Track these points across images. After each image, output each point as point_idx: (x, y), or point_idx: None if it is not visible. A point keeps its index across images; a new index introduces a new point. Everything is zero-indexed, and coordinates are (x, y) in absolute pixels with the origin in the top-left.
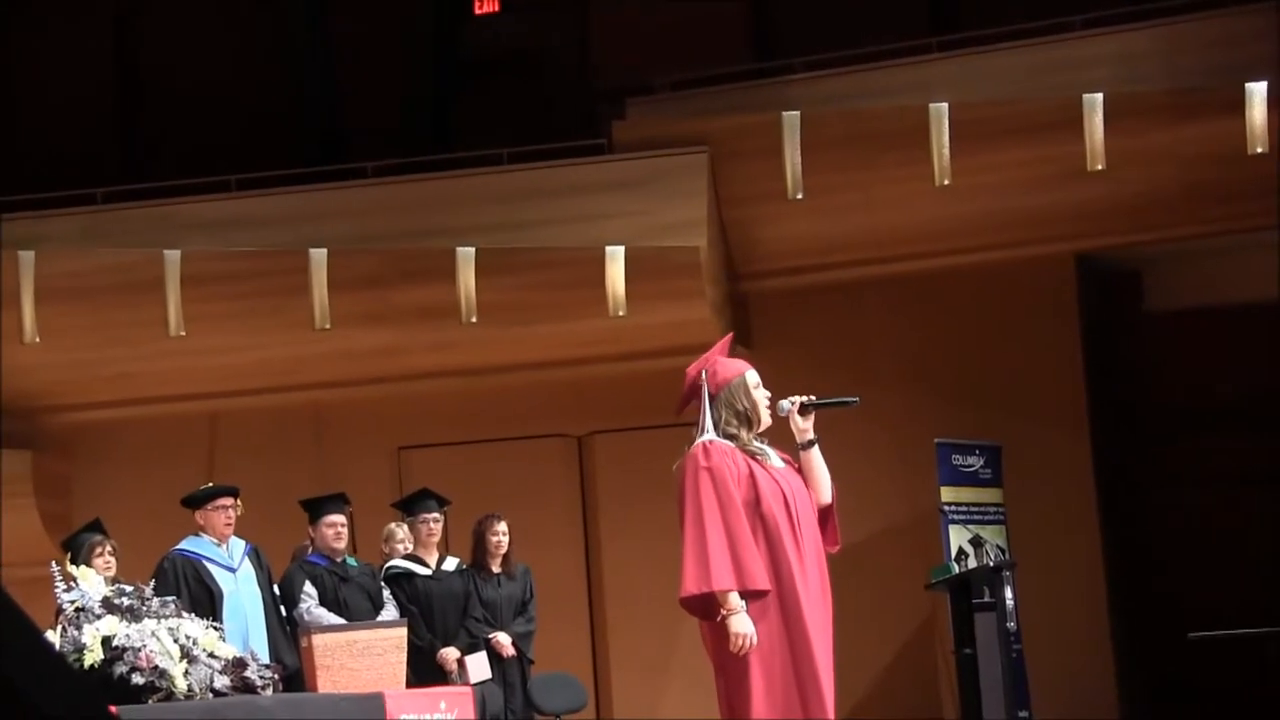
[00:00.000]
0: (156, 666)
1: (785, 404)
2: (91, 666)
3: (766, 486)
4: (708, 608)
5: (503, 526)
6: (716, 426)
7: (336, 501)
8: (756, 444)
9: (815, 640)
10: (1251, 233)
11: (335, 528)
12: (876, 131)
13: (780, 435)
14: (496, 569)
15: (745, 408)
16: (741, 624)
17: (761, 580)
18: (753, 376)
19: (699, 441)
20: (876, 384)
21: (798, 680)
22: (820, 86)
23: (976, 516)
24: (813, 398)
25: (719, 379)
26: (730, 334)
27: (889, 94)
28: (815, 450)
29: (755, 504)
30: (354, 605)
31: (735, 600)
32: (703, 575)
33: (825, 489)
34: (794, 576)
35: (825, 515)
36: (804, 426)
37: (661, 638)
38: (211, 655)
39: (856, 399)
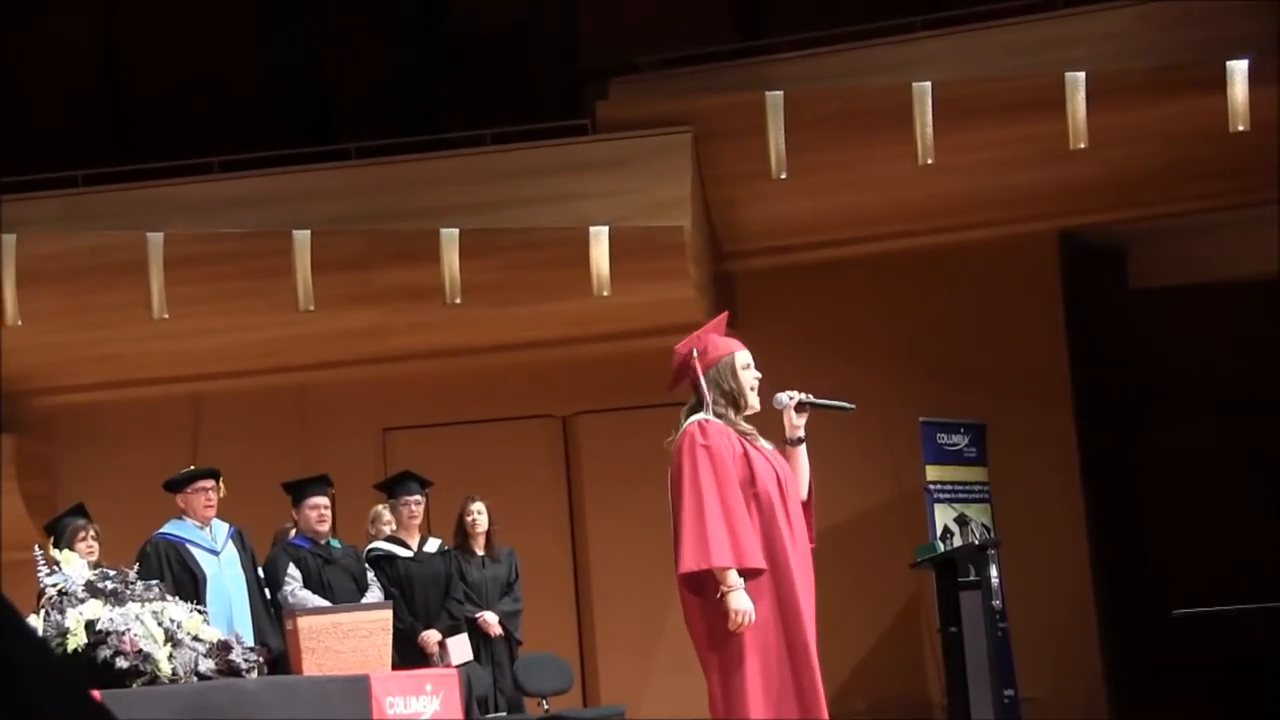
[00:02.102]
0: (140, 650)
1: (783, 397)
2: (75, 650)
3: (760, 466)
4: (703, 585)
5: (478, 506)
6: (706, 405)
7: (319, 484)
8: (745, 424)
9: (807, 621)
10: (1235, 210)
11: (319, 510)
12: (861, 110)
13: (763, 423)
14: (480, 550)
15: (731, 388)
16: (740, 600)
17: (759, 559)
18: (743, 357)
19: (695, 420)
20: (861, 363)
21: (791, 660)
22: (804, 66)
23: (962, 495)
24: (811, 396)
25: (708, 358)
26: (725, 313)
27: (873, 73)
28: (802, 448)
29: (750, 483)
30: (338, 587)
31: (734, 577)
32: (701, 552)
33: (805, 486)
34: (788, 556)
35: (803, 512)
36: (797, 423)
37: (647, 618)
38: (196, 638)
39: (853, 406)
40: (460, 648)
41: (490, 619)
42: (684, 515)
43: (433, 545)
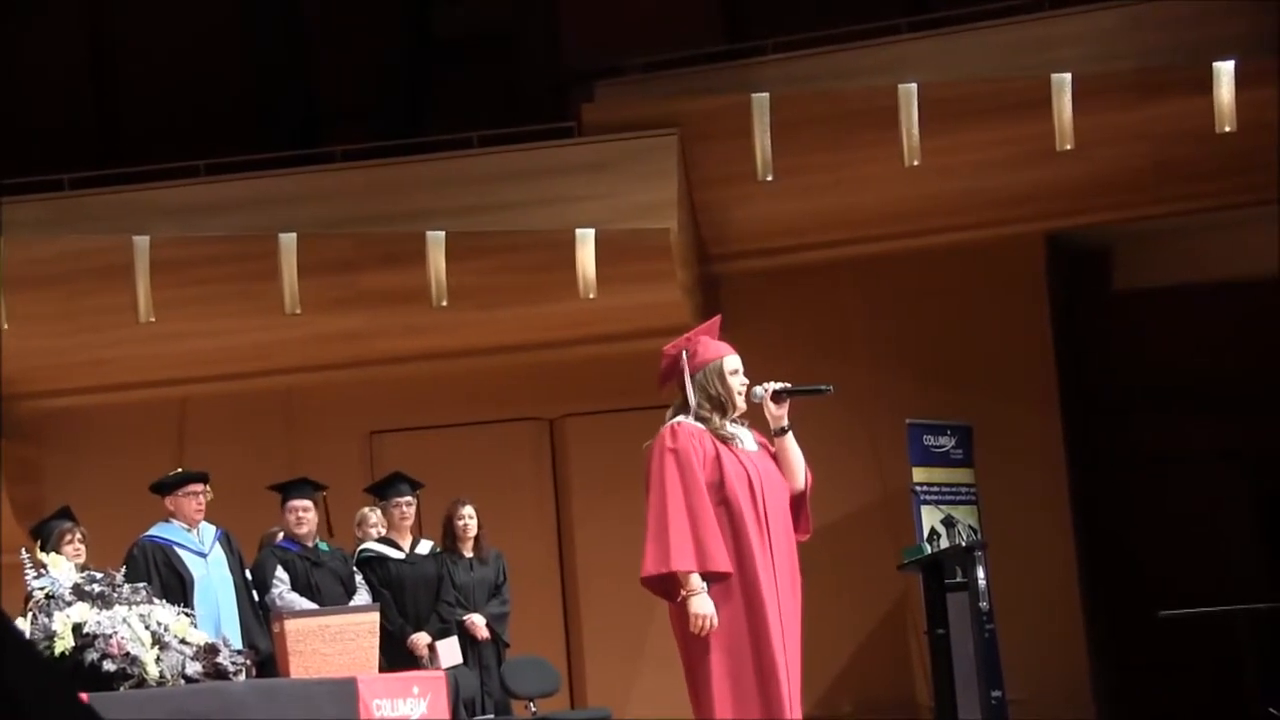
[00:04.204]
0: (128, 653)
1: (758, 390)
2: (62, 654)
3: (732, 469)
4: (669, 589)
5: (469, 510)
6: (690, 408)
7: (301, 486)
8: (731, 427)
9: (774, 624)
10: (1222, 211)
11: (297, 512)
12: (847, 112)
13: (761, 419)
14: (468, 553)
15: (718, 393)
16: (701, 605)
17: (723, 562)
18: (731, 362)
19: (670, 423)
20: (848, 365)
21: (757, 663)
22: (791, 68)
23: (948, 497)
24: (786, 385)
25: (697, 360)
26: (718, 316)
27: (859, 75)
28: (789, 437)
29: (719, 486)
30: (326, 590)
31: (696, 581)
32: (662, 556)
33: (798, 476)
34: (755, 560)
35: (798, 503)
36: (777, 413)
37: (634, 620)
38: (183, 641)
39: (830, 387)
40: (450, 651)
41: (478, 622)
42: (649, 518)
43: (424, 547)
